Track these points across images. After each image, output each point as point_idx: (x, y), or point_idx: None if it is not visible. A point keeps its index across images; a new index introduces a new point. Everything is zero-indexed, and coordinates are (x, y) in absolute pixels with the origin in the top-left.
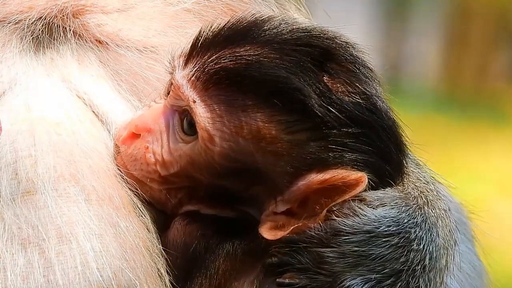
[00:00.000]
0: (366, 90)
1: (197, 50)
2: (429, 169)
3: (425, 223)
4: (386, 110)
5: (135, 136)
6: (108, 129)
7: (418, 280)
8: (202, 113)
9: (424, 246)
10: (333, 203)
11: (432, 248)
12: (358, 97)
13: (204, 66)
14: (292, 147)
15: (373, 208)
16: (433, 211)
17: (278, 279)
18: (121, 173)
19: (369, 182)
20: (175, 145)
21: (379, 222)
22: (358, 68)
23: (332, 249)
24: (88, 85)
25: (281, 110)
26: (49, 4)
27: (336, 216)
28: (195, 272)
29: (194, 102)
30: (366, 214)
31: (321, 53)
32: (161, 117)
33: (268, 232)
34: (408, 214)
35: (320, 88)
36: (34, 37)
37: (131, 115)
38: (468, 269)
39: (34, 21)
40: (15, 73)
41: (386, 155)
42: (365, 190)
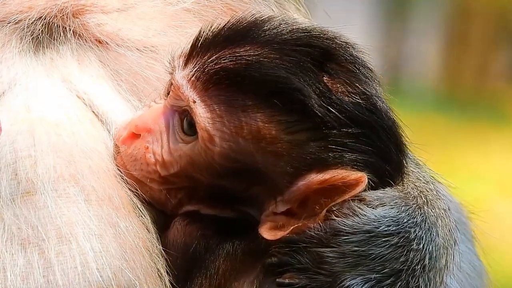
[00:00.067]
0: (366, 90)
1: (197, 50)
2: (428, 168)
3: (425, 223)
4: (386, 110)
5: (135, 136)
6: (108, 129)
7: (418, 279)
8: (202, 113)
9: (423, 245)
10: (332, 203)
11: (432, 247)
12: (358, 97)
13: (204, 66)
14: (292, 147)
15: (373, 208)
16: (432, 210)
17: (278, 279)
18: (121, 173)
19: (369, 182)
20: (175, 145)
21: (379, 222)
22: (358, 68)
23: (332, 249)
24: (88, 85)
25: (281, 110)
26: (49, 4)
27: (335, 216)
28: (195, 272)
29: (194, 102)
30: (365, 214)
31: (321, 53)
32: (161, 117)
33: (268, 232)
34: (408, 214)
35: (320, 88)
36: (34, 37)
37: (131, 115)
38: (468, 269)
39: (34, 21)
40: (15, 74)
41: (386, 155)
42: (364, 190)
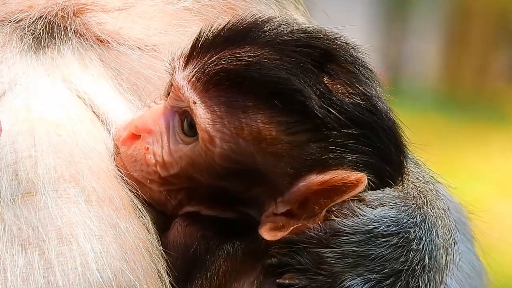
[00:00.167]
0: (366, 91)
1: (197, 51)
2: (428, 168)
3: (425, 223)
4: (386, 111)
5: (135, 137)
6: (109, 129)
7: (418, 280)
8: (202, 114)
9: (423, 245)
10: (332, 204)
11: (432, 247)
12: (358, 98)
13: (204, 67)
14: (292, 148)
15: (373, 208)
16: (432, 210)
17: (278, 280)
18: (121, 174)
19: (369, 182)
20: (175, 146)
21: (379, 222)
22: (358, 69)
23: (332, 249)
24: (89, 85)
25: (281, 111)
26: (49, 3)
27: (335, 217)
28: (195, 273)
29: (195, 103)
30: (365, 214)
31: (321, 54)
32: (161, 118)
33: (268, 233)
34: (408, 214)
35: (321, 89)
36: (35, 37)
37: (131, 115)
38: (467, 269)
39: (34, 20)
40: (15, 73)
41: (386, 156)
42: (364, 190)
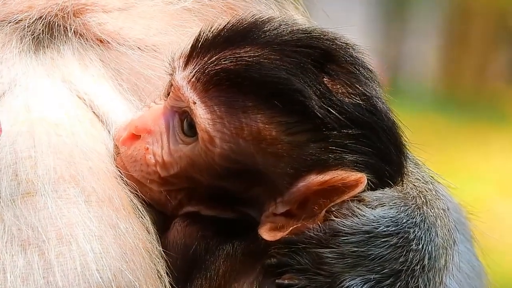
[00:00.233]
0: (366, 91)
1: (197, 51)
2: (428, 168)
3: (424, 223)
4: (386, 111)
5: (135, 137)
6: (109, 129)
7: (417, 280)
8: (202, 115)
9: (423, 246)
10: (332, 204)
11: (431, 248)
12: (358, 98)
13: (204, 68)
14: (292, 148)
15: (372, 209)
16: (432, 210)
17: (277, 280)
18: (121, 174)
19: (369, 183)
20: (175, 146)
21: (378, 222)
22: (358, 69)
23: (331, 249)
24: (89, 85)
25: (282, 112)
26: (49, 3)
27: (335, 217)
28: (195, 274)
29: (194, 103)
30: (365, 214)
31: (322, 54)
32: (161, 118)
33: (267, 233)
34: (407, 214)
35: (321, 89)
36: (35, 37)
37: (131, 115)
38: (467, 269)
39: (34, 20)
40: (15, 74)
41: (386, 156)
42: (364, 190)
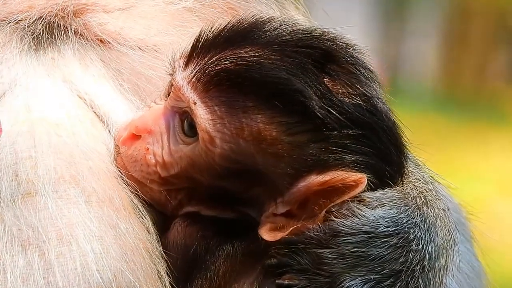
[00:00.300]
0: (366, 91)
1: (197, 51)
2: (428, 168)
3: (424, 223)
4: (386, 111)
5: (135, 137)
6: (109, 129)
7: (418, 280)
8: (202, 115)
9: (423, 246)
10: (332, 204)
11: (431, 248)
12: (359, 99)
13: (205, 68)
14: (292, 148)
15: (372, 209)
16: (432, 211)
17: (277, 280)
18: (122, 174)
19: (369, 183)
20: (175, 147)
21: (378, 222)
22: (358, 70)
23: (331, 250)
24: (90, 85)
25: (282, 112)
26: (49, 3)
27: (335, 217)
28: (195, 274)
29: (195, 103)
30: (365, 214)
31: (322, 54)
32: (161, 118)
33: (267, 233)
34: (407, 215)
35: (321, 89)
36: (35, 37)
37: (132, 115)
38: (467, 270)
39: (34, 20)
40: (15, 74)
41: (386, 156)
42: (364, 191)
